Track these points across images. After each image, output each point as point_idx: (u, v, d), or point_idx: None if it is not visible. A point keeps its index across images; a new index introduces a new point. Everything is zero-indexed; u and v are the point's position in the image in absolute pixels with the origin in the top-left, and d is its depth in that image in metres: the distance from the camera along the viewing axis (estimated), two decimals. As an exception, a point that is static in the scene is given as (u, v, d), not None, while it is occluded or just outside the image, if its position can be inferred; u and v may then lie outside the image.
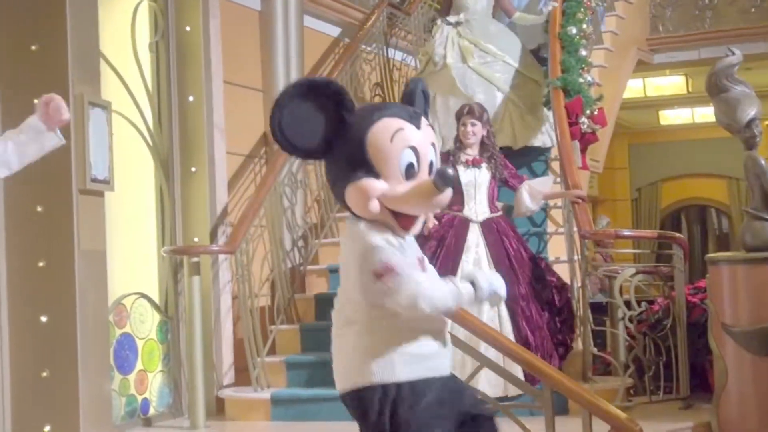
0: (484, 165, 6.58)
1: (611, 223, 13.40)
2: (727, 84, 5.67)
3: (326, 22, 9.00)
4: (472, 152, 6.61)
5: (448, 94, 7.92)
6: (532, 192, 6.57)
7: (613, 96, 10.13)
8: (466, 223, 6.46)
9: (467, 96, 7.70)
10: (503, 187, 6.69)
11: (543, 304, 6.40)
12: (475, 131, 6.55)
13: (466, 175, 6.53)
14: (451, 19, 8.20)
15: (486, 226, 6.47)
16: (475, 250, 6.39)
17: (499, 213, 6.59)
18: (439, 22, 8.26)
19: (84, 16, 5.83)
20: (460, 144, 6.63)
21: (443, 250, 6.34)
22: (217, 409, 6.74)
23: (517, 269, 6.37)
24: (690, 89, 14.64)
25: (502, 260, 6.36)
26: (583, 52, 7.97)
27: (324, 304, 7.17)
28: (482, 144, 6.61)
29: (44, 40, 5.69)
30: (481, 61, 8.01)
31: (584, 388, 4.14)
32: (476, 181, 6.54)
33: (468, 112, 6.56)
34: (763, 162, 5.58)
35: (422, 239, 5.88)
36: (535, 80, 8.14)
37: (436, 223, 6.41)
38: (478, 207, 6.51)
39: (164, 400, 6.80)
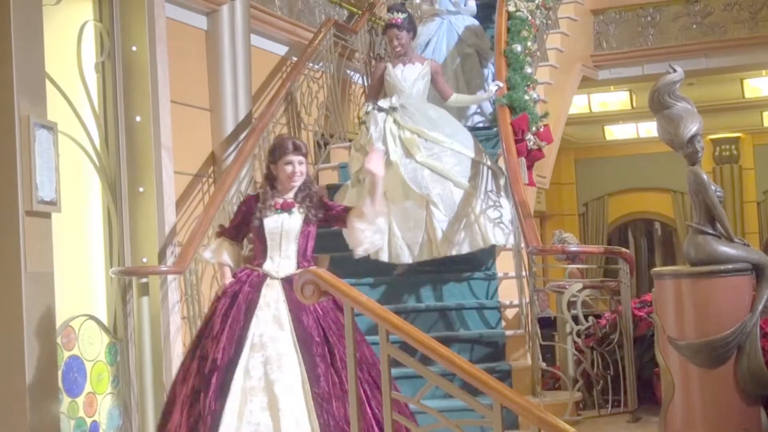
0: (295, 209, 5.49)
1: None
2: (669, 101, 5.75)
3: (273, 41, 9.02)
4: (288, 195, 5.53)
5: (400, 194, 7.19)
6: (366, 215, 5.45)
7: (559, 112, 10.23)
8: (263, 279, 5.37)
9: (422, 196, 7.13)
10: (331, 226, 5.74)
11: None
12: (303, 171, 5.50)
13: (271, 221, 5.44)
14: (383, 104, 7.49)
15: (288, 282, 5.28)
16: (275, 306, 5.27)
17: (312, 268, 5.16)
18: (369, 108, 7.53)
19: (29, 37, 5.79)
20: (273, 187, 5.53)
21: (234, 308, 5.29)
22: (168, 430, 6.69)
23: (327, 331, 5.22)
24: (634, 104, 14.81)
25: (306, 323, 5.21)
26: (529, 70, 8.06)
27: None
28: (304, 185, 5.54)
29: (-11, 61, 5.64)
30: (429, 153, 7.27)
31: (533, 403, 4.17)
32: (283, 228, 5.43)
33: (295, 148, 5.46)
34: (705, 177, 5.67)
35: (215, 298, 5.52)
36: (487, 165, 7.46)
37: (232, 281, 5.47)
38: (282, 261, 5.41)
39: (114, 423, 6.74)
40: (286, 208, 5.49)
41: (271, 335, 5.19)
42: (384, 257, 7.18)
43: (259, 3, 8.66)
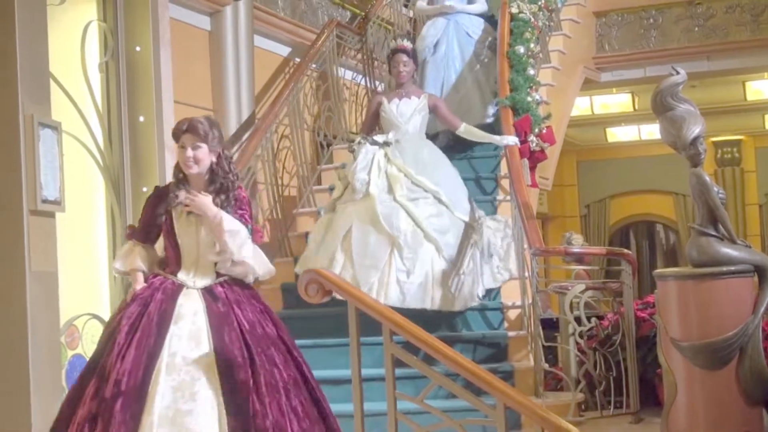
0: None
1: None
2: (672, 102, 5.75)
3: (276, 41, 9.04)
4: (196, 186, 4.70)
5: (369, 228, 6.76)
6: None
7: (561, 114, 10.24)
8: (178, 288, 4.62)
9: (390, 235, 6.70)
10: None
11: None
12: (198, 155, 4.64)
13: (181, 223, 4.70)
14: (379, 138, 7.14)
15: (209, 292, 4.61)
16: (192, 319, 4.51)
17: (227, 277, 4.66)
18: (360, 140, 7.16)
19: (33, 37, 5.80)
20: (182, 176, 4.73)
21: (144, 318, 4.51)
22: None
23: (253, 350, 4.47)
24: (636, 107, 14.81)
25: (229, 339, 4.47)
26: (531, 71, 8.08)
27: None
28: (211, 172, 4.70)
29: (-7, 61, 5.66)
30: (410, 195, 6.87)
31: (536, 403, 4.18)
32: (196, 229, 4.68)
33: (188, 129, 4.64)
34: (707, 179, 5.67)
35: (122, 304, 4.77)
36: (471, 225, 7.00)
37: (144, 286, 4.70)
38: (199, 269, 4.66)
39: (116, 422, 6.74)
40: None
41: (185, 355, 4.42)
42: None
43: (262, 4, 8.69)
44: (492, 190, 8.10)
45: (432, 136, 7.88)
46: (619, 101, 14.96)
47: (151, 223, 4.80)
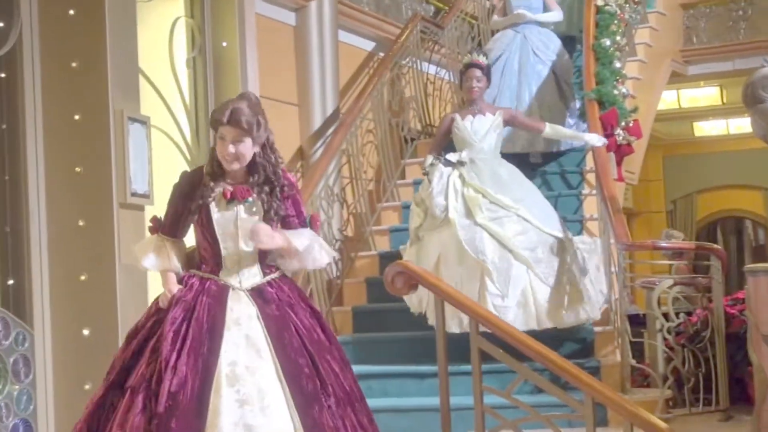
0: (252, 199, 4.18)
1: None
2: (763, 95, 5.64)
3: (360, 36, 9.07)
4: (235, 177, 4.21)
5: (455, 259, 6.44)
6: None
7: (648, 108, 10.11)
8: (224, 290, 4.13)
9: (477, 260, 6.36)
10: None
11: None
12: (241, 151, 4.10)
13: (220, 215, 4.17)
14: (452, 158, 6.75)
15: (258, 294, 4.15)
16: (248, 324, 4.04)
17: (278, 274, 4.24)
18: (432, 160, 6.79)
19: (123, 33, 5.90)
20: (220, 167, 4.19)
21: (192, 325, 4.01)
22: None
23: (316, 358, 4.07)
24: (724, 100, 14.58)
25: (291, 347, 4.04)
26: (618, 64, 7.99)
27: (361, 316, 7.21)
28: (253, 164, 4.17)
29: (84, 57, 5.77)
30: (491, 216, 6.52)
31: (625, 398, 4.14)
32: (237, 222, 4.16)
33: (229, 121, 4.07)
34: (801, 172, 5.56)
35: (154, 309, 4.18)
36: (558, 238, 6.62)
37: (180, 288, 4.17)
38: (243, 269, 4.18)
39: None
40: (239, 197, 4.18)
41: (248, 364, 3.94)
42: (430, 320, 6.44)
43: (346, -1, 8.73)
44: (578, 184, 8.03)
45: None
46: (706, 95, 14.73)
47: (182, 214, 4.24)
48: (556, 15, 8.63)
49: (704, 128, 16.59)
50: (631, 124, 7.56)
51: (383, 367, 6.44)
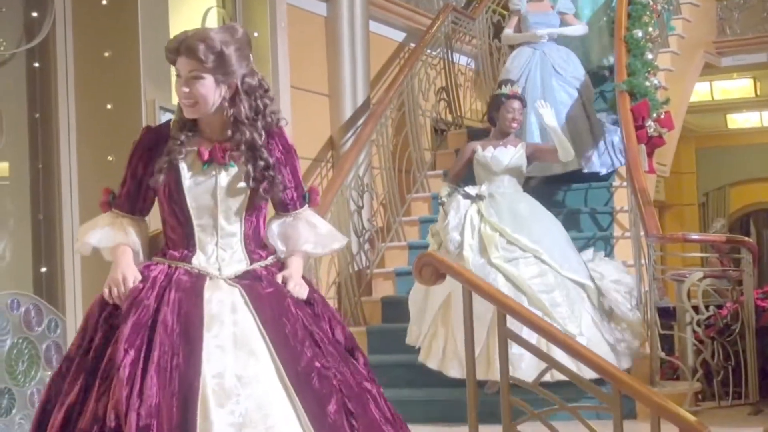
0: (233, 165, 3.26)
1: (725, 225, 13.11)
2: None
3: (391, 27, 9.08)
4: (209, 129, 3.33)
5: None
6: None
7: (680, 99, 10.04)
8: (199, 280, 3.17)
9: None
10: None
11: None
12: (200, 91, 3.24)
13: (193, 181, 3.24)
14: (471, 191, 6.49)
15: (250, 282, 3.21)
16: (232, 319, 3.08)
17: (271, 259, 3.34)
18: (450, 190, 6.53)
19: (155, 24, 5.94)
20: (189, 122, 3.35)
21: (158, 330, 3.02)
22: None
23: (324, 350, 3.22)
24: (758, 92, 14.47)
25: (294, 337, 3.13)
26: (649, 55, 7.95)
27: (390, 306, 7.22)
28: (234, 122, 3.25)
29: (117, 46, 5.82)
30: (507, 256, 6.21)
31: (654, 391, 4.13)
32: (216, 193, 3.23)
33: (184, 51, 3.28)
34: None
35: (98, 304, 3.20)
36: (580, 284, 6.30)
37: (138, 277, 3.17)
38: (221, 251, 3.24)
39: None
40: (219, 159, 3.24)
41: (240, 373, 3.01)
42: (432, 364, 6.16)
43: (377, -11, 8.73)
44: (608, 176, 8.00)
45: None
46: (740, 86, 14.62)
47: (143, 182, 3.30)
48: (580, 29, 8.37)
49: (737, 120, 16.48)
50: (662, 116, 7.52)
51: (412, 355, 6.45)
